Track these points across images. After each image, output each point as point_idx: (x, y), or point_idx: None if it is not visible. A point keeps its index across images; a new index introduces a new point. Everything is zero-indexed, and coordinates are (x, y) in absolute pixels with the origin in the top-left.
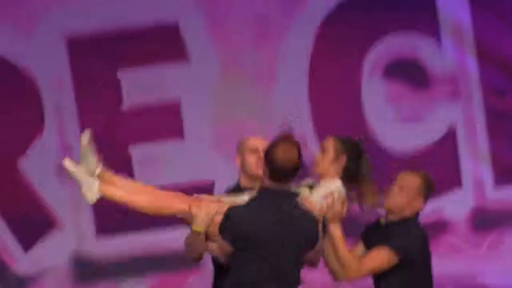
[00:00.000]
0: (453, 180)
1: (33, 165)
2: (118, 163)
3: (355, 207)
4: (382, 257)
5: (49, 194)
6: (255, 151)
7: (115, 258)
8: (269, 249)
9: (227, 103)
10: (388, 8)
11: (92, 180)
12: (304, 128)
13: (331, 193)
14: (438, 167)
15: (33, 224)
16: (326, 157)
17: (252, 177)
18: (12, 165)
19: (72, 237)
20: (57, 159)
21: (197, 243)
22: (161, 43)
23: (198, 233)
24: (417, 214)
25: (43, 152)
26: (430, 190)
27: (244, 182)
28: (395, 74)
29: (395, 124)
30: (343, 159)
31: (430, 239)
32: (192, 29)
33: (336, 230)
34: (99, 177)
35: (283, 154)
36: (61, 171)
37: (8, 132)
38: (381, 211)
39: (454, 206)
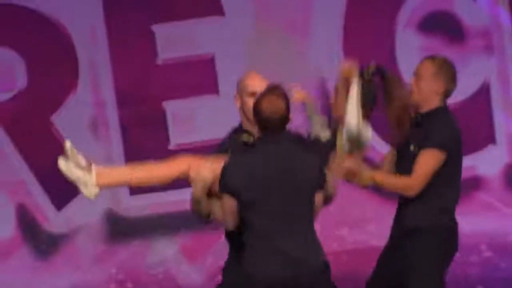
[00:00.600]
0: (486, 136)
1: (67, 121)
2: (152, 118)
3: None
4: (430, 159)
5: (83, 150)
6: (253, 94)
7: (148, 216)
8: (273, 197)
9: (261, 58)
10: None
11: (86, 176)
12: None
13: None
14: (472, 123)
15: (66, 182)
16: (340, 97)
17: (251, 121)
18: (46, 121)
19: (105, 195)
20: (91, 114)
21: (199, 206)
22: None
23: (197, 198)
24: (444, 101)
25: (77, 107)
26: (448, 71)
27: (245, 124)
28: (429, 27)
29: None
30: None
31: (464, 196)
32: None
33: (369, 174)
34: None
35: (268, 106)
36: (95, 127)
37: (42, 87)
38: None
39: (487, 163)
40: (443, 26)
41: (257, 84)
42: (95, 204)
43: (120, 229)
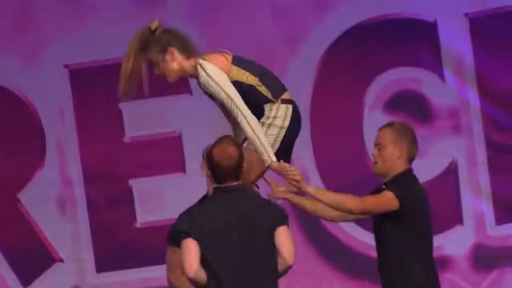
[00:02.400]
0: (454, 216)
1: (34, 198)
2: (119, 195)
3: None
4: (384, 195)
5: (50, 228)
6: None
7: None
8: (232, 249)
9: None
10: (391, 42)
11: None
12: (305, 160)
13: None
14: (439, 203)
15: (33, 259)
16: None
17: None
18: (12, 198)
19: (72, 272)
20: (58, 192)
21: None
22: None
23: None
24: (408, 165)
25: (44, 184)
26: (408, 135)
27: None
28: (397, 107)
29: None
30: None
31: None
32: None
33: (310, 189)
34: None
35: (219, 152)
36: (63, 204)
37: (9, 163)
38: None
39: (454, 243)
40: (411, 106)
41: None
42: (62, 281)
43: None
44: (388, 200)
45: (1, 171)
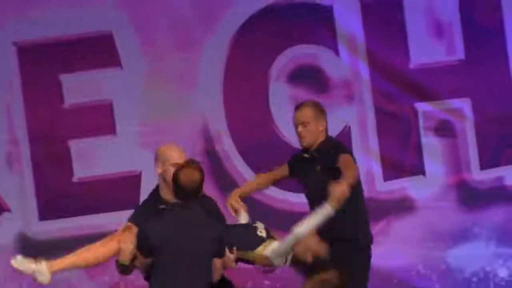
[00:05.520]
0: None
1: None
2: (59, 155)
3: None
4: (350, 161)
5: None
6: (175, 165)
7: (57, 240)
8: (178, 256)
9: (153, 104)
10: (294, 23)
11: (39, 266)
12: (218, 125)
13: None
14: None
15: None
16: None
17: (170, 186)
18: None
19: (18, 220)
20: (6, 151)
21: (126, 271)
22: (97, 51)
23: (124, 266)
24: (326, 133)
25: None
26: (323, 110)
27: (166, 195)
28: (298, 79)
29: None
30: None
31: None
32: (124, 38)
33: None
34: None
35: (185, 177)
36: (11, 162)
37: None
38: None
39: None
40: (310, 78)
41: (178, 156)
42: (9, 228)
43: (31, 251)
44: (353, 163)
45: None
